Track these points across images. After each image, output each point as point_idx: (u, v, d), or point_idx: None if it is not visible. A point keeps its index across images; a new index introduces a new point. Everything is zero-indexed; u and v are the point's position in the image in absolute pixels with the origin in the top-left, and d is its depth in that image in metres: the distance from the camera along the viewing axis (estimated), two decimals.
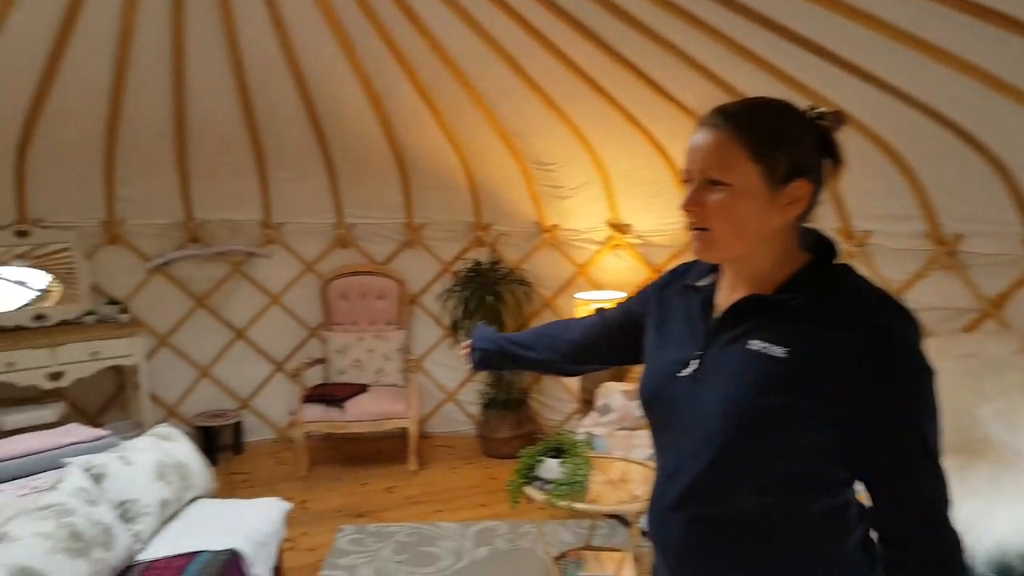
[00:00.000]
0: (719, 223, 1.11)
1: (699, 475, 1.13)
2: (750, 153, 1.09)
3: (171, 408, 4.74)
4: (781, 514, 1.12)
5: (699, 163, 1.12)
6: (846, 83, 2.84)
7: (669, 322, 1.28)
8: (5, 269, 4.21)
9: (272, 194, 4.79)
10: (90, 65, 3.72)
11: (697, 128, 1.14)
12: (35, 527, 2.01)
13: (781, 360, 1.07)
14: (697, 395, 1.14)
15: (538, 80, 3.82)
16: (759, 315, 1.13)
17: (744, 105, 1.14)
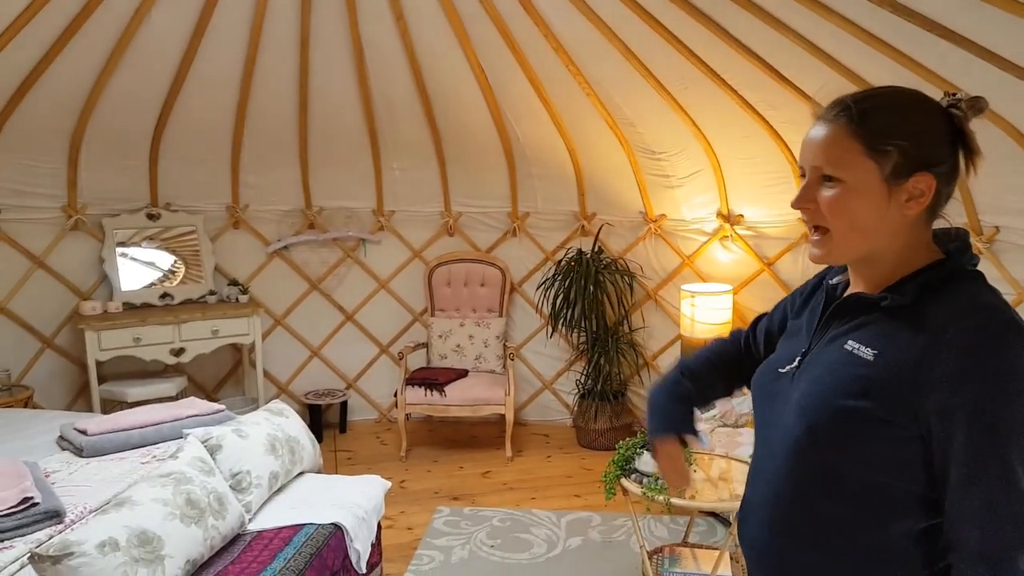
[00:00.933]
0: (835, 221, 1.05)
1: (776, 474, 1.11)
2: (865, 148, 1.03)
3: (282, 386, 4.98)
4: (858, 527, 1.03)
5: (811, 158, 1.07)
6: (980, 70, 2.61)
7: (796, 319, 1.26)
8: (136, 250, 4.53)
9: (385, 183, 4.91)
10: (222, 58, 3.94)
11: (815, 121, 1.10)
12: (155, 493, 2.14)
13: (867, 363, 1.02)
14: (791, 392, 1.11)
15: (651, 67, 3.72)
16: (862, 315, 1.08)
17: (863, 96, 1.07)
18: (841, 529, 1.04)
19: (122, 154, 4.37)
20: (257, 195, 4.80)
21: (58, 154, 4.20)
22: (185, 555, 2.07)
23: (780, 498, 1.10)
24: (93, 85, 3.89)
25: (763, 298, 4.33)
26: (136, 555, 1.94)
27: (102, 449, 2.82)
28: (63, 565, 1.83)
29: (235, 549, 2.31)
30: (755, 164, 4.05)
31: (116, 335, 4.10)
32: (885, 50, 2.79)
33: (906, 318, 1.02)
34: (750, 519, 1.18)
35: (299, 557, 2.29)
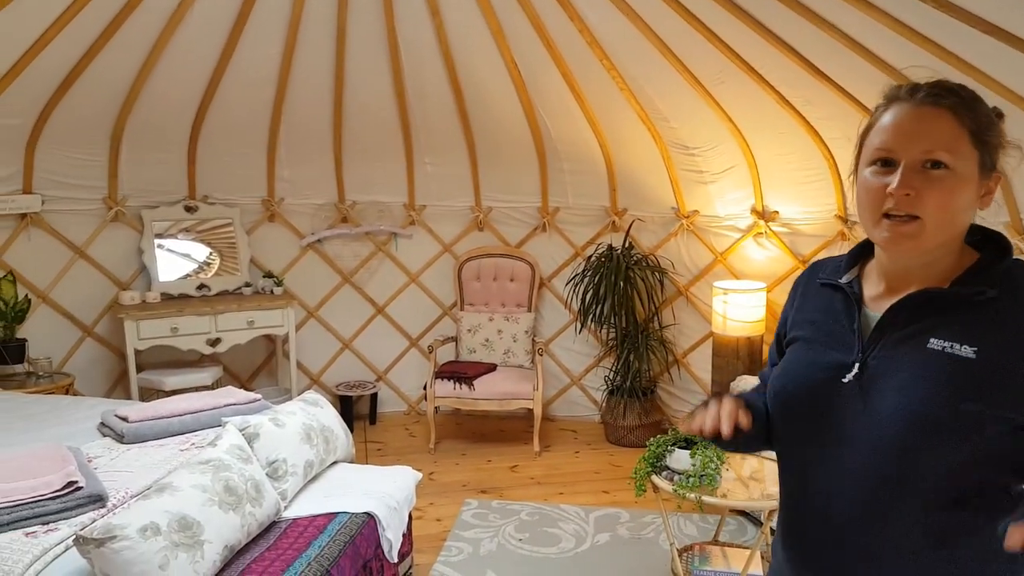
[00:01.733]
0: (935, 211, 1.00)
1: (870, 491, 1.03)
2: (971, 137, 1.01)
3: (314, 377, 5.04)
4: (958, 532, 1.01)
5: (918, 140, 1.01)
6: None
7: (812, 323, 1.16)
8: (173, 241, 4.62)
9: (417, 178, 4.95)
10: (260, 53, 4.01)
11: (903, 105, 1.05)
12: (194, 479, 2.18)
13: (970, 360, 0.98)
14: (867, 402, 1.03)
15: (687, 62, 3.70)
16: (939, 312, 1.03)
17: (955, 85, 1.04)
18: (941, 537, 1.01)
19: (161, 147, 4.46)
20: (292, 189, 4.86)
21: (100, 147, 4.30)
22: (223, 541, 2.11)
23: (873, 516, 1.03)
24: (134, 80, 3.97)
25: None
26: (176, 540, 1.98)
27: (143, 436, 2.87)
28: (107, 548, 1.88)
29: (271, 536, 2.34)
30: (791, 160, 4.00)
31: (154, 324, 4.19)
32: (928, 46, 2.74)
33: (993, 311, 0.99)
34: (826, 542, 1.07)
35: (333, 545, 2.32)
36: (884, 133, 1.05)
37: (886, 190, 1.02)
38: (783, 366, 1.17)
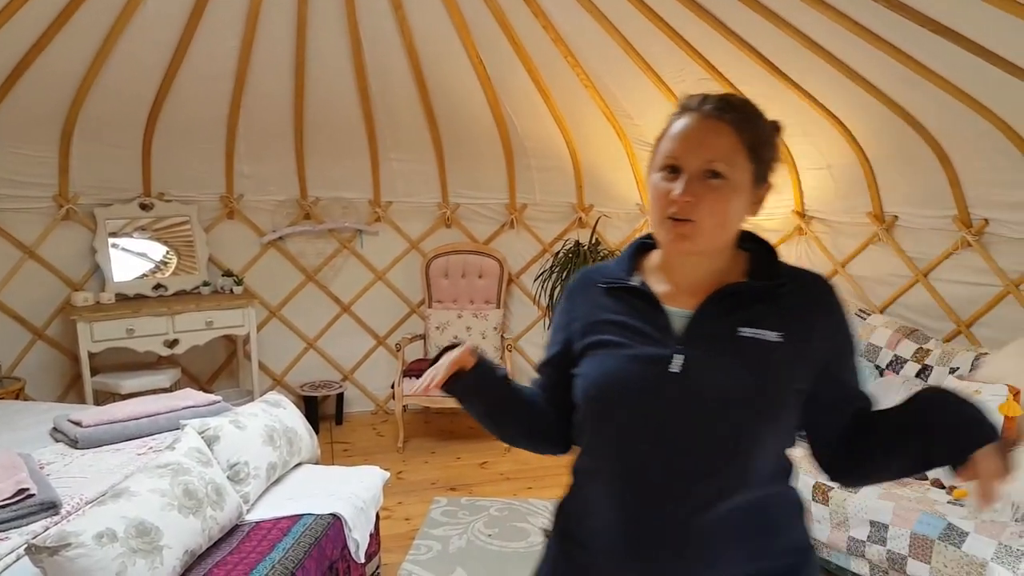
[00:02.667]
0: (709, 217, 1.10)
1: (701, 472, 1.10)
2: (748, 151, 1.11)
3: (277, 377, 4.96)
4: (778, 498, 1.18)
5: (701, 152, 1.10)
6: (974, 67, 2.63)
7: (614, 324, 1.19)
8: (128, 240, 4.49)
9: (382, 173, 4.89)
10: (217, 45, 3.90)
11: (691, 116, 1.13)
12: (152, 484, 2.12)
13: (778, 344, 1.10)
14: (690, 390, 1.10)
15: (649, 60, 3.73)
16: (742, 304, 1.14)
17: (739, 100, 1.15)
18: (765, 505, 1.14)
19: (115, 143, 4.33)
20: (252, 185, 4.76)
21: (49, 143, 4.15)
22: (183, 546, 2.06)
23: (708, 492, 1.09)
24: (86, 72, 3.84)
25: None
26: (134, 546, 1.93)
27: (97, 440, 2.80)
28: (61, 556, 1.82)
29: (234, 540, 2.30)
30: None
31: (109, 326, 4.07)
32: (883, 47, 2.80)
33: (788, 299, 1.14)
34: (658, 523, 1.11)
35: (298, 547, 2.28)
36: (672, 142, 1.13)
37: (670, 195, 1.11)
38: (594, 367, 1.18)
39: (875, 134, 3.46)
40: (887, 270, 3.76)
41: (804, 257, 4.13)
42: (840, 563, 2.86)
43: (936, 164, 3.27)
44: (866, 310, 3.78)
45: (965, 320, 3.46)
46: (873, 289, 3.86)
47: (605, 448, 1.18)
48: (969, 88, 2.81)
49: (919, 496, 2.74)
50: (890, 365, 3.50)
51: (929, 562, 2.50)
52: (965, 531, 2.46)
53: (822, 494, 2.90)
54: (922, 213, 3.53)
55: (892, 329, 3.58)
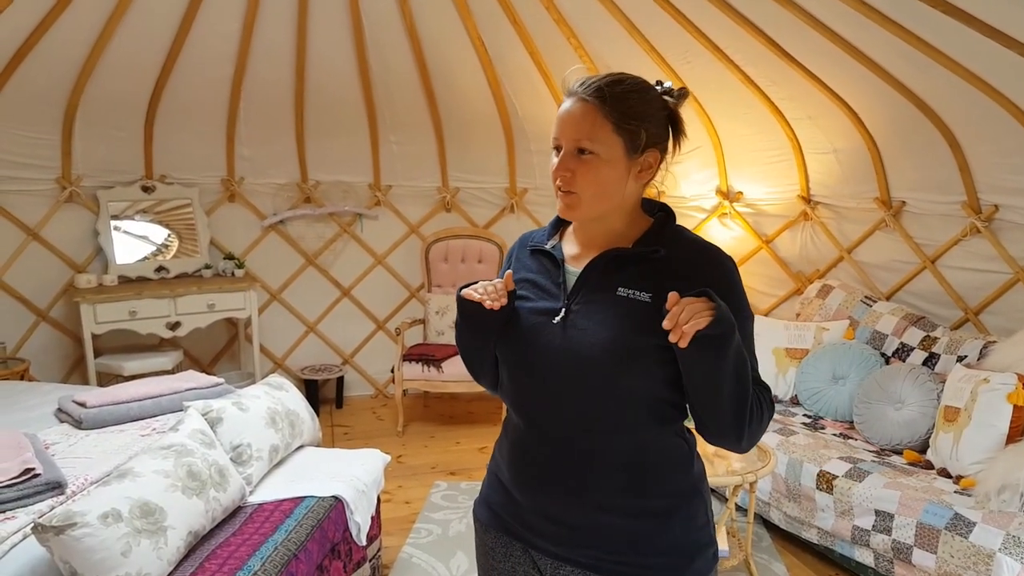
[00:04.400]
0: (586, 187, 1.25)
1: (578, 413, 1.26)
2: (614, 126, 1.23)
3: (278, 360, 4.96)
4: (647, 444, 1.29)
5: (570, 132, 1.25)
6: (984, 47, 2.59)
7: (528, 281, 1.38)
8: (129, 223, 4.48)
9: (382, 157, 4.87)
10: (218, 29, 3.88)
11: (568, 99, 1.26)
12: (156, 465, 2.13)
13: (647, 303, 1.23)
14: (570, 339, 1.25)
15: (653, 41, 3.70)
16: (623, 266, 1.28)
17: (609, 80, 1.25)
18: (643, 446, 1.27)
19: (117, 125, 4.31)
20: (253, 168, 4.74)
21: (52, 125, 4.14)
22: (187, 526, 2.07)
23: (585, 428, 1.26)
24: (88, 55, 3.82)
25: (762, 276, 4.35)
26: (138, 526, 1.93)
27: (102, 421, 2.80)
28: (66, 536, 1.83)
29: (236, 521, 2.30)
30: (755, 141, 4.04)
31: (112, 308, 4.07)
32: (892, 28, 2.77)
33: (664, 265, 1.26)
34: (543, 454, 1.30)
35: (300, 529, 2.29)
36: (555, 124, 1.28)
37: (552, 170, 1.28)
38: (512, 323, 1.36)
39: (883, 118, 3.43)
40: (894, 256, 3.75)
41: (809, 242, 4.11)
42: (844, 552, 2.87)
43: (945, 149, 3.24)
44: (872, 297, 3.77)
45: (973, 307, 3.45)
46: (879, 276, 3.84)
47: (508, 388, 1.38)
48: (980, 71, 2.78)
49: (925, 485, 2.74)
50: (896, 353, 3.50)
51: (935, 552, 2.50)
52: (972, 521, 2.45)
53: (826, 483, 2.90)
54: (930, 199, 3.51)
55: (899, 316, 3.57)
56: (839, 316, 3.77)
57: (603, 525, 1.28)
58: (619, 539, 1.28)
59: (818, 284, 3.99)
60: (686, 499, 1.32)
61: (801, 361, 3.68)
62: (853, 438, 3.28)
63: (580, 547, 1.30)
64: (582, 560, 1.30)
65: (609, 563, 1.28)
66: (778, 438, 3.22)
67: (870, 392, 3.30)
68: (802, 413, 3.57)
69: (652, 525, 1.29)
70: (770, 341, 3.77)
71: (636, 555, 1.28)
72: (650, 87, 1.28)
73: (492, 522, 1.42)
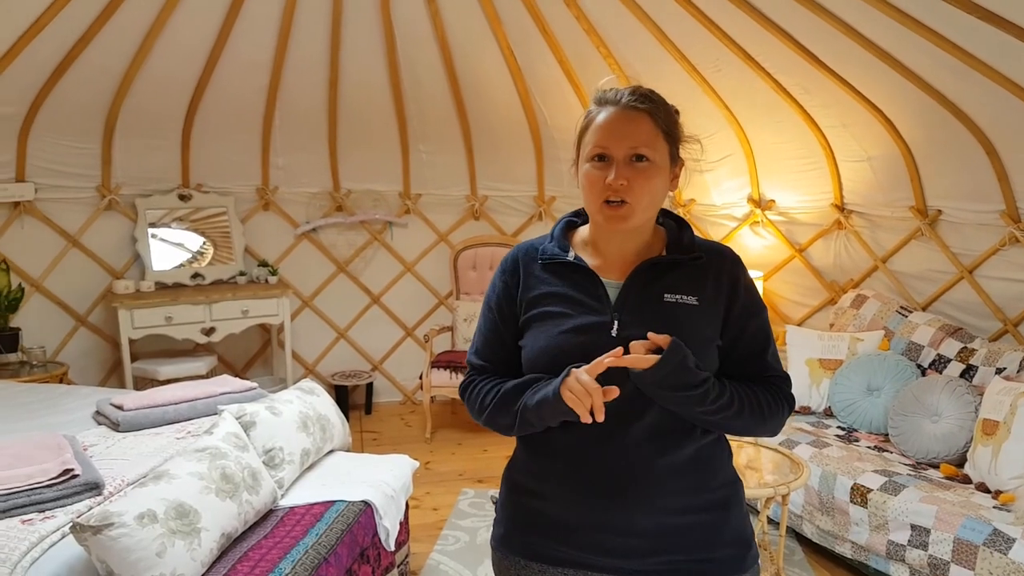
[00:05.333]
0: (640, 196, 1.25)
1: (648, 417, 1.26)
2: (664, 133, 1.27)
3: (309, 366, 5.02)
4: (713, 442, 1.33)
5: (625, 140, 1.24)
6: (1020, 52, 2.54)
7: (557, 296, 1.33)
8: (166, 230, 4.58)
9: (412, 166, 4.92)
10: (254, 40, 3.97)
11: (612, 108, 1.27)
12: (191, 467, 2.17)
13: (695, 306, 1.28)
14: (628, 349, 1.22)
15: (684, 50, 3.69)
16: (663, 274, 1.31)
17: (649, 90, 1.29)
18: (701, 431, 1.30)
19: (155, 135, 4.42)
20: (287, 177, 4.83)
21: (93, 135, 4.26)
22: (220, 528, 2.10)
23: (662, 433, 1.27)
24: (128, 67, 3.93)
25: (794, 284, 4.30)
26: (173, 527, 1.97)
27: (138, 424, 2.86)
28: (103, 535, 1.86)
29: (268, 524, 2.33)
30: (787, 149, 4.00)
31: (148, 314, 4.16)
32: (926, 34, 2.74)
33: (695, 267, 1.31)
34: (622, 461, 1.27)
35: (330, 533, 2.31)
36: (598, 133, 1.27)
37: (605, 181, 1.25)
38: (544, 335, 1.31)
39: (918, 125, 3.38)
40: (930, 266, 3.68)
41: (843, 251, 4.06)
42: (879, 567, 2.81)
43: (983, 156, 3.18)
44: (908, 307, 3.70)
45: (1012, 319, 3.37)
46: (915, 285, 3.77)
47: None
48: (1018, 77, 2.73)
49: (963, 500, 2.67)
50: (933, 364, 3.43)
51: (973, 568, 2.44)
52: (1012, 537, 2.39)
53: (860, 496, 2.85)
54: (968, 207, 3.44)
55: (935, 327, 3.50)
56: (874, 327, 3.71)
57: (672, 528, 1.28)
58: (690, 537, 1.29)
59: (852, 294, 3.93)
60: (735, 486, 1.37)
61: (835, 372, 3.63)
62: (888, 451, 3.22)
63: (653, 555, 1.28)
64: (657, 568, 1.28)
65: (685, 565, 1.28)
66: (811, 450, 3.18)
67: (906, 404, 3.24)
68: (836, 425, 3.51)
69: (716, 516, 1.31)
70: (803, 352, 3.72)
71: (708, 550, 1.30)
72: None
73: (535, 555, 1.34)
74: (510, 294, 1.38)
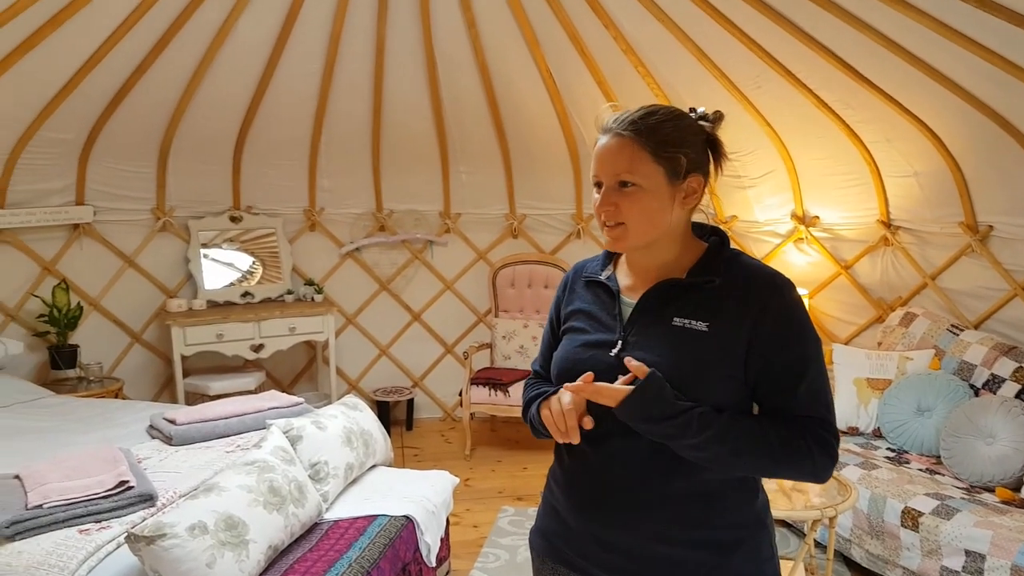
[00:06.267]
0: (632, 217, 1.26)
1: (639, 438, 1.23)
2: (652, 155, 1.25)
3: (352, 382, 5.10)
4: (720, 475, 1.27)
5: (609, 167, 1.26)
6: None
7: (583, 312, 1.39)
8: (217, 251, 4.73)
9: (452, 186, 5.00)
10: (302, 68, 4.10)
11: (604, 136, 1.29)
12: (240, 480, 2.23)
13: (704, 332, 1.23)
14: (626, 369, 1.23)
15: (723, 67, 3.69)
16: (678, 296, 1.28)
17: (642, 113, 1.28)
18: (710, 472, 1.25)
19: (208, 160, 4.59)
20: (332, 199, 4.95)
21: (149, 160, 4.43)
22: (267, 540, 2.15)
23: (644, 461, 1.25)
24: (181, 95, 4.10)
25: (841, 303, 4.22)
26: (223, 539, 2.02)
27: (190, 438, 2.94)
28: (156, 546, 1.92)
29: (313, 537, 2.38)
30: (831, 165, 3.96)
31: (200, 331, 4.29)
32: (972, 47, 2.70)
33: (719, 293, 1.25)
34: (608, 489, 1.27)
35: (373, 547, 2.35)
36: (594, 161, 1.30)
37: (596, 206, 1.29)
38: (564, 348, 1.38)
39: (966, 139, 3.31)
40: (982, 283, 3.58)
41: (890, 268, 3.98)
42: None
43: None
44: (959, 325, 3.60)
45: None
46: (966, 303, 3.68)
47: None
48: None
49: (1020, 525, 2.57)
50: (986, 385, 3.33)
51: None
52: None
53: (912, 520, 2.78)
54: (1020, 223, 3.35)
55: (988, 346, 3.41)
56: (923, 345, 3.62)
57: (662, 556, 1.26)
58: (680, 571, 1.26)
59: (900, 312, 3.85)
60: (751, 530, 1.30)
61: (884, 392, 3.55)
62: (940, 473, 3.13)
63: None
64: None
65: None
66: (860, 472, 3.11)
67: (959, 425, 3.15)
68: (885, 447, 3.43)
69: (716, 557, 1.25)
70: (851, 371, 3.65)
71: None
72: (684, 114, 1.30)
73: (547, 552, 1.41)
74: (558, 308, 1.47)
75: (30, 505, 2.19)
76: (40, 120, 3.80)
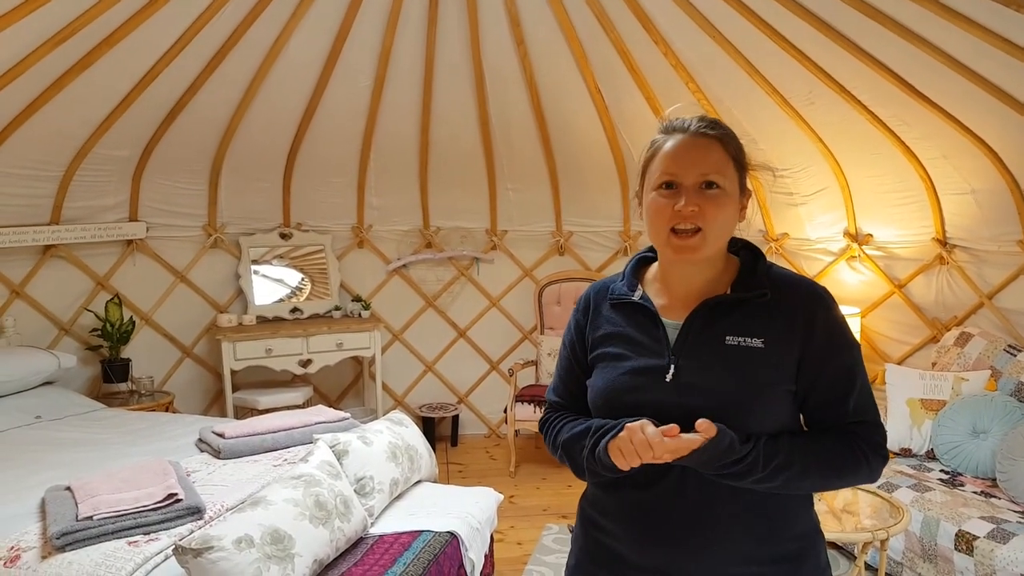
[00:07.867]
0: (712, 223, 1.20)
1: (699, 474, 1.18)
2: (734, 161, 1.24)
3: (398, 398, 5.13)
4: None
5: (695, 166, 1.21)
6: None
7: (619, 337, 1.31)
8: (267, 267, 4.83)
9: (499, 204, 5.03)
10: (351, 87, 4.17)
11: (681, 136, 1.24)
12: (287, 494, 2.25)
13: (759, 349, 1.20)
14: (686, 396, 1.20)
15: (775, 83, 3.64)
16: (726, 313, 1.23)
17: (717, 120, 1.26)
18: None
19: (258, 177, 4.69)
20: (380, 216, 5.01)
21: (201, 177, 4.55)
22: (313, 555, 2.16)
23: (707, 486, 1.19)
24: (233, 114, 4.20)
25: (894, 322, 4.10)
26: (269, 552, 2.04)
27: (238, 452, 2.99)
28: (203, 558, 1.95)
29: (358, 551, 2.39)
30: (885, 182, 3.86)
31: (250, 346, 4.37)
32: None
33: (763, 305, 1.22)
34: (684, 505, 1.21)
35: (417, 562, 2.34)
36: (666, 160, 1.23)
37: (674, 208, 1.20)
38: (604, 377, 1.29)
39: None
40: None
41: (946, 287, 3.85)
42: None
43: None
44: (1016, 346, 3.47)
45: None
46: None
47: None
48: None
49: None
50: None
51: None
52: None
53: (966, 543, 2.67)
54: None
55: None
56: (979, 366, 3.49)
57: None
58: None
59: (956, 331, 3.72)
60: (812, 539, 1.28)
61: (938, 413, 3.42)
62: (996, 496, 3.00)
63: None
64: None
65: None
66: (912, 494, 3.00)
67: (1015, 448, 3.01)
68: (939, 468, 3.31)
69: (785, 571, 1.23)
70: (904, 391, 3.53)
71: None
72: None
73: None
74: (582, 333, 1.38)
75: (81, 516, 2.23)
76: (96, 137, 3.92)
